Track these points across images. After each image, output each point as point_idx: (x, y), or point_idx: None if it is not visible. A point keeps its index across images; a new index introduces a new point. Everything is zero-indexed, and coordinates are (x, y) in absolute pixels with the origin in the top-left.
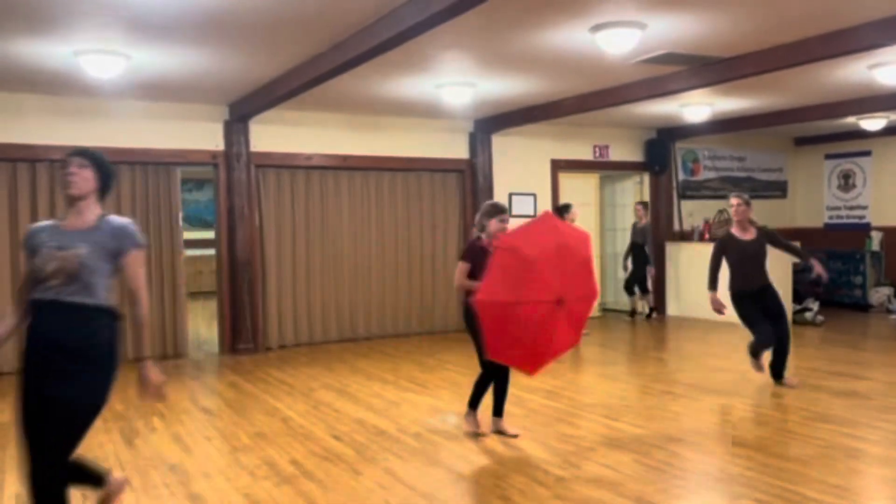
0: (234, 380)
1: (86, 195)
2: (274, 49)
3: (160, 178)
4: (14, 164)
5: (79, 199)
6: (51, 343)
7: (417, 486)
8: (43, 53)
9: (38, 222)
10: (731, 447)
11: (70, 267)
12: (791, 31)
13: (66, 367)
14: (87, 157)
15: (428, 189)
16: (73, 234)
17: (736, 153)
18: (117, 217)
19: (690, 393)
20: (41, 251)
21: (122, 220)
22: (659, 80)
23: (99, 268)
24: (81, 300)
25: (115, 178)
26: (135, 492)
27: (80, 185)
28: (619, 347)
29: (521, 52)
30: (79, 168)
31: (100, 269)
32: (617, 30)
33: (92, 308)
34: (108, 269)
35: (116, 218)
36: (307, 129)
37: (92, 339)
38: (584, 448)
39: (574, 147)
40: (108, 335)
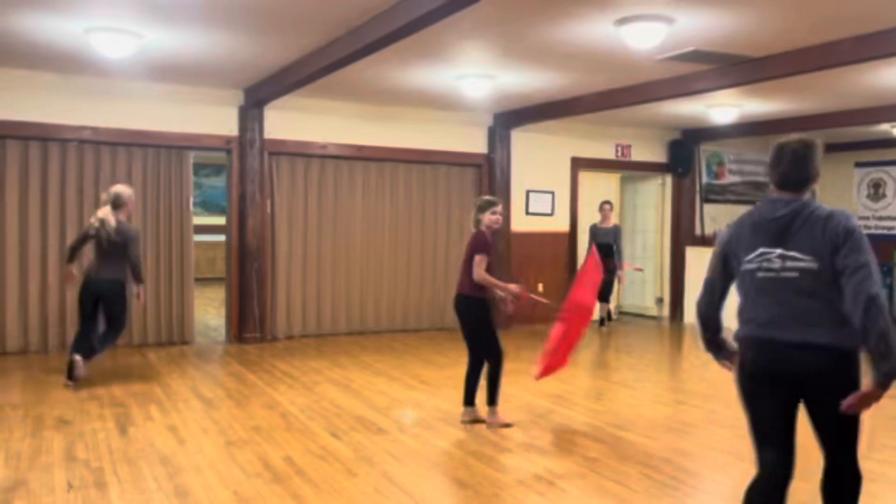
0: (237, 370)
1: None
2: (289, 33)
3: (172, 161)
4: (26, 143)
5: None
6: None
7: (413, 491)
8: (54, 29)
9: None
10: (745, 464)
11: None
12: (824, 32)
13: None
14: None
15: (444, 183)
16: None
17: (762, 157)
18: None
19: (704, 404)
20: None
21: None
22: (685, 79)
23: None
24: None
25: None
26: (121, 483)
27: None
28: (634, 353)
29: (543, 44)
30: None
31: None
32: (643, 24)
33: None
34: None
35: None
36: (323, 117)
37: None
38: (589, 459)
39: (596, 145)
40: None
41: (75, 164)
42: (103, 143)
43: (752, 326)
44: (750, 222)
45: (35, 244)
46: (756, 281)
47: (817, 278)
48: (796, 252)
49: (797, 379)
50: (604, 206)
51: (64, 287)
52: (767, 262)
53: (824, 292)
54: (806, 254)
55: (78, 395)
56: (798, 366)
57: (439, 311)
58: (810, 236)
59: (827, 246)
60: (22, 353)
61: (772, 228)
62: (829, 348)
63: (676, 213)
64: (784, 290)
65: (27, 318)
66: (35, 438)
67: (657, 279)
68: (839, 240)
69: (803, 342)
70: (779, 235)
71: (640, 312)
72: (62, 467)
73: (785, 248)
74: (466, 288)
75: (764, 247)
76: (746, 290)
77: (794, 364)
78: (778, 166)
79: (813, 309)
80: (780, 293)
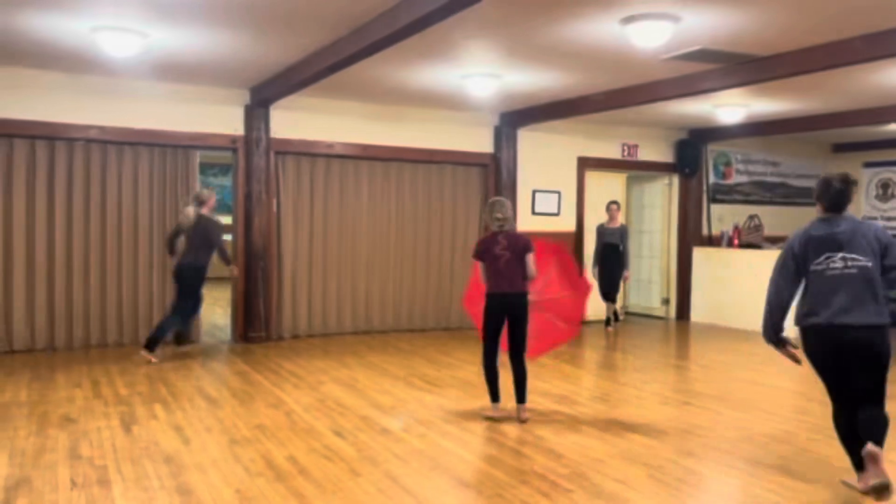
0: (242, 369)
1: None
2: (294, 32)
3: (178, 161)
4: (33, 142)
5: None
6: None
7: (417, 492)
8: (60, 28)
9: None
10: (752, 466)
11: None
12: (833, 30)
13: None
14: None
15: (450, 182)
16: None
17: (770, 157)
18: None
19: (711, 405)
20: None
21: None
22: (691, 78)
23: None
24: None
25: None
26: (124, 481)
27: None
28: (640, 353)
29: (549, 43)
30: None
31: None
32: (649, 22)
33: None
34: None
35: None
36: (329, 116)
37: None
38: (594, 459)
39: (602, 145)
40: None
41: (82, 163)
42: (110, 143)
43: (826, 313)
44: (816, 235)
45: (42, 243)
46: (825, 277)
47: (869, 272)
48: (856, 255)
49: (856, 347)
50: (611, 206)
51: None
52: (833, 262)
53: (872, 281)
54: (864, 256)
55: (83, 394)
56: (857, 339)
57: (445, 311)
58: (865, 243)
59: (874, 251)
60: (29, 351)
61: (836, 239)
62: (878, 326)
63: (683, 214)
64: (846, 284)
65: (34, 317)
66: (40, 436)
67: (664, 280)
68: (882, 245)
69: (862, 324)
70: (841, 244)
71: (646, 313)
72: (66, 465)
73: (846, 252)
74: (522, 286)
75: (829, 251)
76: (816, 284)
77: (854, 338)
78: (826, 196)
79: (866, 294)
80: (845, 285)
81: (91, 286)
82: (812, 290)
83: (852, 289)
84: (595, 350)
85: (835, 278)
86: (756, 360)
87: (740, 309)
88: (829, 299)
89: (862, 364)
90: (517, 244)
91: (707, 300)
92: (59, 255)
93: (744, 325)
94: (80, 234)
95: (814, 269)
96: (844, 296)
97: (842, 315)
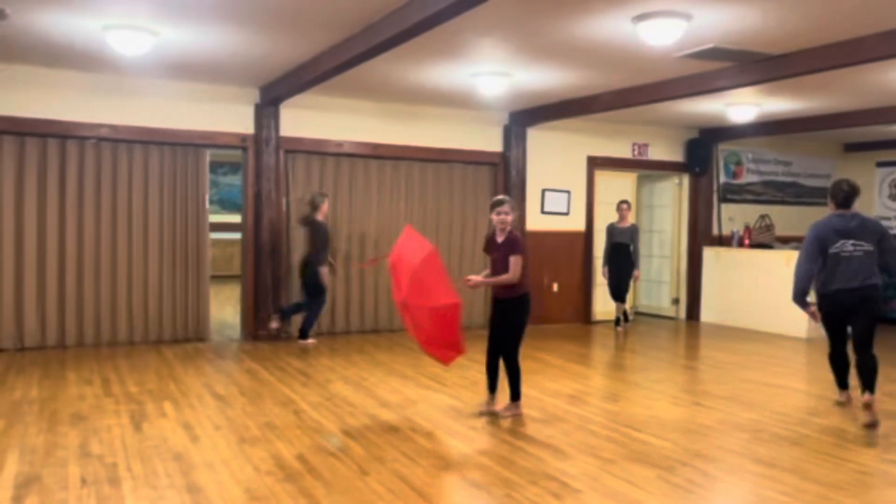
0: (251, 367)
1: None
2: (305, 30)
3: (188, 159)
4: (44, 140)
5: None
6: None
7: (426, 491)
8: (72, 27)
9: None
10: (763, 468)
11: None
12: (847, 28)
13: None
14: None
15: (459, 181)
16: None
17: (781, 157)
18: None
19: (721, 406)
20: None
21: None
22: (703, 77)
23: None
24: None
25: None
26: (134, 479)
27: None
28: (650, 353)
29: (560, 41)
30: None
31: None
32: (661, 20)
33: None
34: None
35: None
36: (338, 115)
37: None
38: (604, 459)
39: (612, 144)
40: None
41: (93, 161)
42: (121, 141)
43: (839, 282)
44: (833, 227)
45: (53, 241)
46: (839, 258)
47: (871, 254)
48: (861, 242)
49: (857, 301)
50: (621, 206)
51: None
52: (845, 247)
53: (872, 259)
54: (867, 243)
55: (94, 391)
56: (857, 295)
57: None
58: (869, 233)
59: (875, 237)
60: (39, 348)
61: (848, 230)
62: (873, 286)
63: (693, 213)
64: (855, 262)
65: (45, 314)
66: (50, 434)
67: (674, 280)
68: (881, 235)
69: (863, 285)
70: (851, 233)
71: (656, 313)
72: (76, 463)
73: (855, 241)
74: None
75: (843, 239)
76: (832, 263)
77: (857, 295)
78: (837, 197)
79: (867, 268)
80: (853, 264)
81: (102, 284)
82: (830, 265)
83: (859, 264)
84: (605, 350)
85: (847, 258)
86: (767, 360)
87: (751, 309)
88: (844, 272)
89: (860, 313)
90: (504, 246)
91: (717, 300)
92: (69, 252)
93: (754, 325)
94: (91, 232)
95: (832, 252)
96: (853, 269)
97: (851, 281)
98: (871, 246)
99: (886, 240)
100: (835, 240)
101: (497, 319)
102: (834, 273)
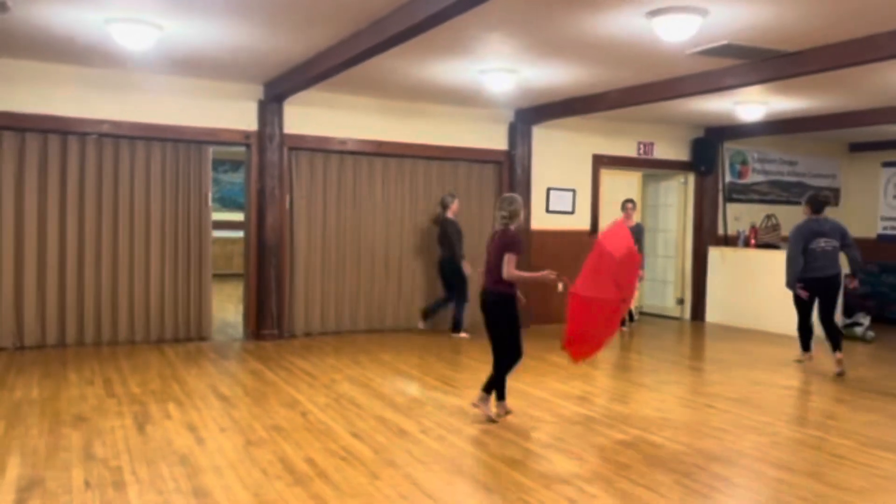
0: (255, 367)
1: None
2: (310, 26)
3: (191, 156)
4: (45, 136)
5: None
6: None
7: (438, 496)
8: (74, 20)
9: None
10: (782, 472)
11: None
12: (861, 26)
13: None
14: None
15: (464, 180)
16: None
17: (787, 157)
18: None
19: (733, 408)
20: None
21: None
22: (714, 74)
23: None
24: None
25: None
26: (139, 483)
27: None
28: (657, 354)
29: (571, 36)
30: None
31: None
32: (676, 15)
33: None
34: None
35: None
36: (342, 112)
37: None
38: (619, 464)
39: (618, 143)
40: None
41: (94, 157)
42: (122, 137)
43: (816, 271)
44: (811, 229)
45: (53, 238)
46: (817, 253)
47: (837, 248)
48: (831, 239)
49: (827, 286)
50: (627, 205)
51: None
52: (820, 244)
53: (837, 253)
54: (835, 240)
55: (95, 392)
56: (830, 281)
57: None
58: (835, 233)
59: (839, 236)
60: (39, 347)
61: (821, 231)
62: (838, 273)
63: (699, 213)
64: (827, 255)
65: (45, 312)
66: (52, 435)
67: (679, 280)
68: (842, 233)
69: (833, 273)
70: (823, 234)
71: (660, 313)
72: (80, 466)
73: (827, 239)
74: (496, 286)
75: (818, 237)
76: (813, 256)
77: (829, 281)
78: (815, 206)
79: (834, 260)
80: (826, 257)
81: (102, 282)
82: (809, 258)
83: (830, 257)
84: (611, 351)
85: (822, 252)
86: (774, 361)
87: (757, 310)
88: (819, 263)
89: (828, 294)
90: (500, 242)
91: (723, 301)
92: (70, 250)
93: (760, 326)
94: (92, 230)
95: (811, 248)
96: (826, 261)
97: (824, 270)
98: (837, 242)
99: (846, 237)
100: (812, 238)
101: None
102: (812, 264)
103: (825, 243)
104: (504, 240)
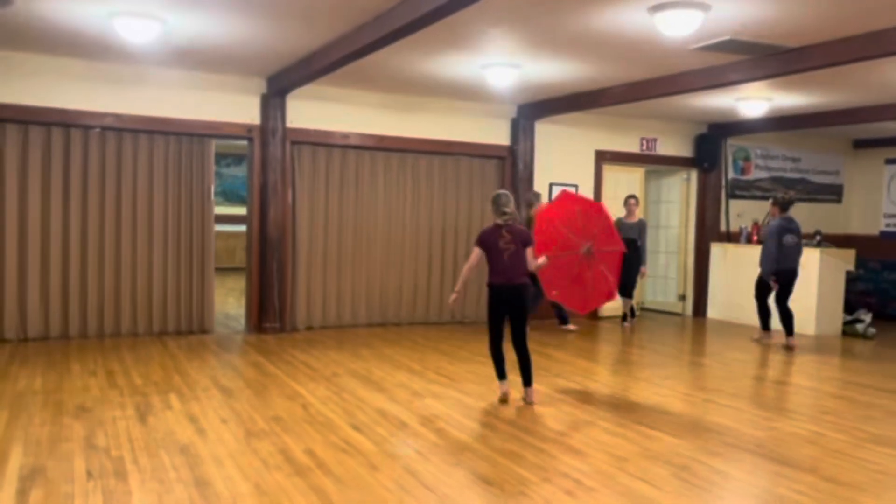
0: (257, 359)
1: None
2: (313, 19)
3: (194, 149)
4: (48, 129)
5: None
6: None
7: (438, 488)
8: (78, 13)
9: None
10: (779, 466)
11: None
12: (865, 21)
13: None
14: None
15: (466, 175)
16: None
17: (790, 153)
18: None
19: (732, 403)
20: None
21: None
22: (717, 70)
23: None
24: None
25: None
26: (141, 473)
27: None
28: (658, 349)
29: (573, 31)
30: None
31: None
32: (678, 10)
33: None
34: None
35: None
36: (345, 106)
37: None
38: (618, 457)
39: (620, 139)
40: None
41: (97, 151)
42: (125, 130)
43: (787, 264)
44: (784, 226)
45: (57, 230)
46: (787, 248)
47: (801, 244)
48: (797, 237)
49: (791, 277)
50: (629, 201)
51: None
52: (788, 240)
53: (801, 248)
54: (798, 236)
55: (98, 383)
56: (794, 272)
57: (460, 304)
58: (798, 231)
59: (800, 234)
60: (43, 339)
61: (790, 228)
62: (797, 265)
63: (701, 209)
64: (793, 250)
65: (48, 304)
66: (55, 425)
67: (681, 276)
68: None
69: (796, 266)
70: (793, 231)
71: (662, 309)
72: (81, 455)
73: (794, 236)
74: (524, 278)
75: (789, 234)
76: (783, 251)
77: (793, 273)
78: (784, 206)
79: (798, 255)
80: (792, 252)
81: (105, 274)
82: (782, 253)
83: (796, 252)
84: (612, 346)
85: (791, 248)
86: (775, 358)
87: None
88: (789, 257)
89: (790, 284)
90: (520, 238)
91: (724, 297)
92: (73, 242)
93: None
94: (95, 222)
95: (783, 243)
96: (794, 255)
97: (791, 264)
98: (800, 238)
99: (801, 235)
100: (784, 234)
101: (509, 307)
102: (784, 258)
103: (791, 239)
104: (522, 236)
